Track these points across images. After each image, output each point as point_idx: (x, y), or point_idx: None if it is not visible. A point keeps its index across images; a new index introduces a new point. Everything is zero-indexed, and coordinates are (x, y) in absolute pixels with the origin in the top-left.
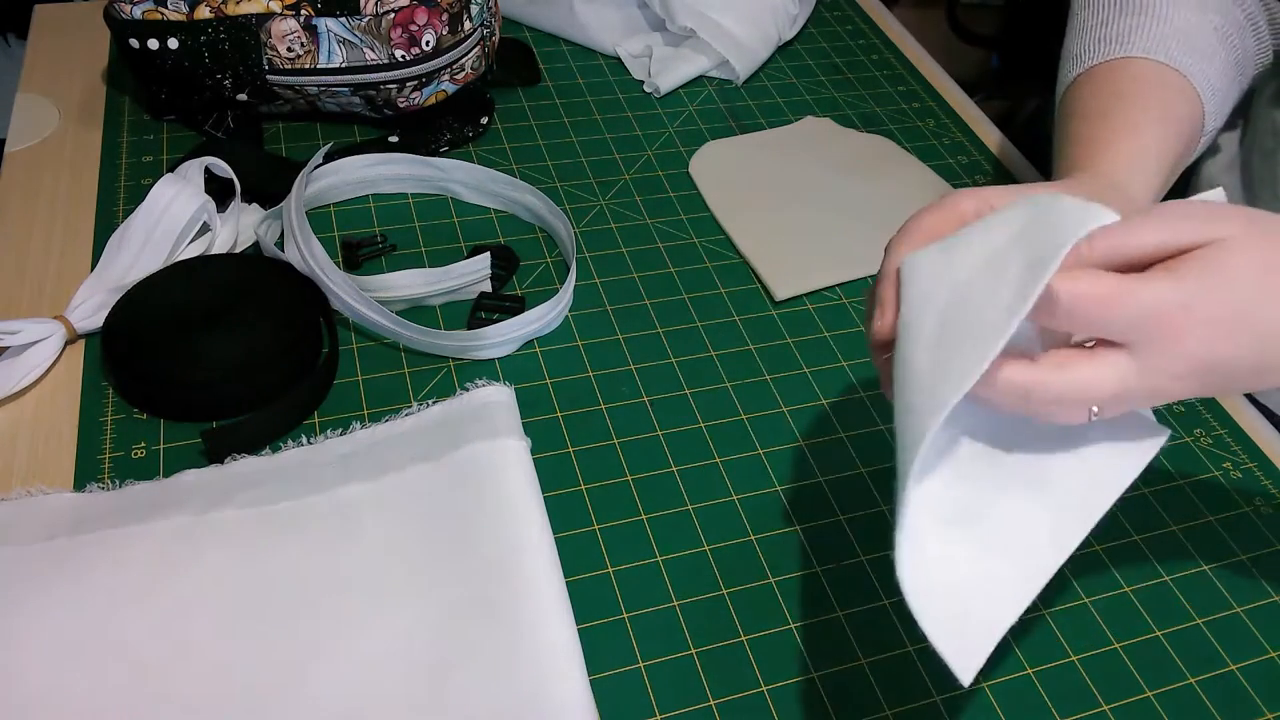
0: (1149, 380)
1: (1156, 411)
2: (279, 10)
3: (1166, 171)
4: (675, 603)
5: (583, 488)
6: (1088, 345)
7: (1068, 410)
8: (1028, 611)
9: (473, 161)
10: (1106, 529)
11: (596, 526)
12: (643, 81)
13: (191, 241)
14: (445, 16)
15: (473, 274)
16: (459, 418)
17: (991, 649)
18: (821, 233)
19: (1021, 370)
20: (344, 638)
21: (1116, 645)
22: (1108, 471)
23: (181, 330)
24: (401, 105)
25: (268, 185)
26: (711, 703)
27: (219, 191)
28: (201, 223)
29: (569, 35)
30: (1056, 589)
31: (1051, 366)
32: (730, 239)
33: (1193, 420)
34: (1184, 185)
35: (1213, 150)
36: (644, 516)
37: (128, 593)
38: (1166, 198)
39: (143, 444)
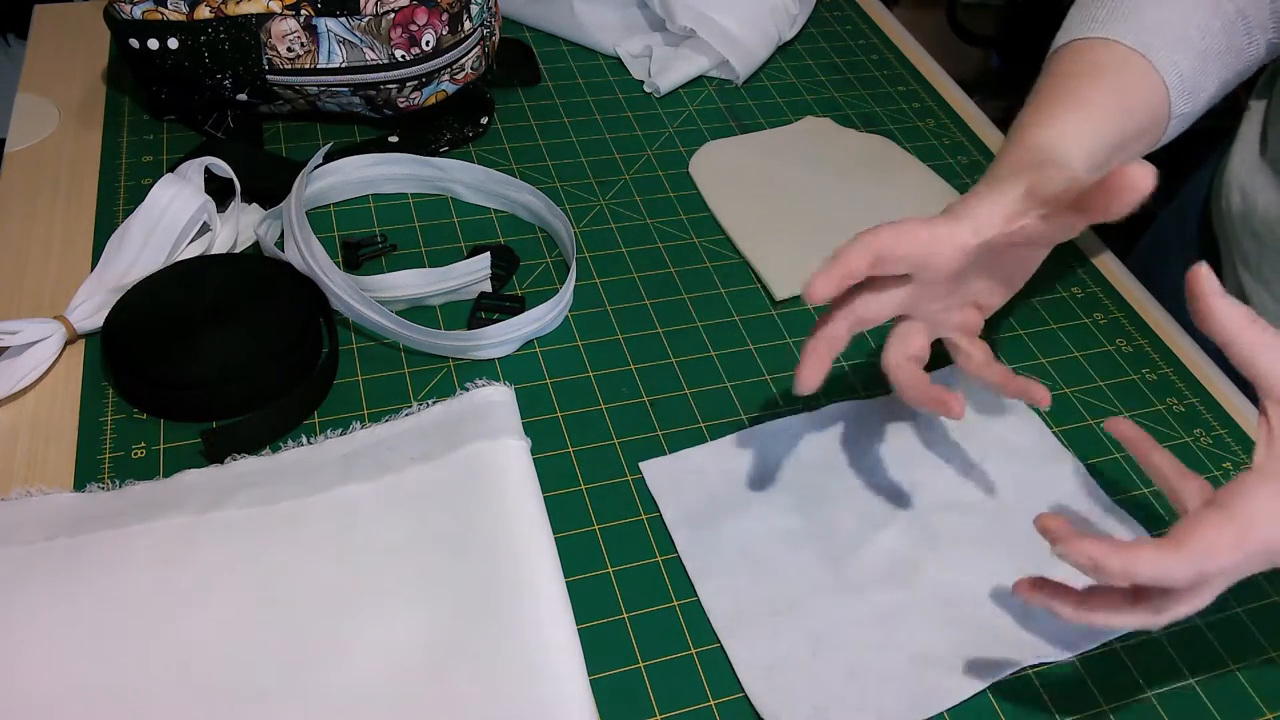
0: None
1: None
2: (279, 10)
3: (1109, 147)
4: (675, 603)
5: (583, 488)
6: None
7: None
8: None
9: (473, 161)
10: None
11: (596, 526)
12: (643, 81)
13: (191, 241)
14: (445, 16)
15: (473, 274)
16: (459, 418)
17: None
18: (821, 233)
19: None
20: (344, 638)
21: (1116, 646)
22: None
23: (181, 330)
24: (401, 105)
25: (268, 185)
26: (711, 703)
27: (219, 191)
28: (201, 223)
29: (569, 35)
30: None
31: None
32: (730, 239)
33: (1193, 420)
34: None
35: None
36: (644, 517)
37: (128, 593)
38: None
39: (143, 444)
